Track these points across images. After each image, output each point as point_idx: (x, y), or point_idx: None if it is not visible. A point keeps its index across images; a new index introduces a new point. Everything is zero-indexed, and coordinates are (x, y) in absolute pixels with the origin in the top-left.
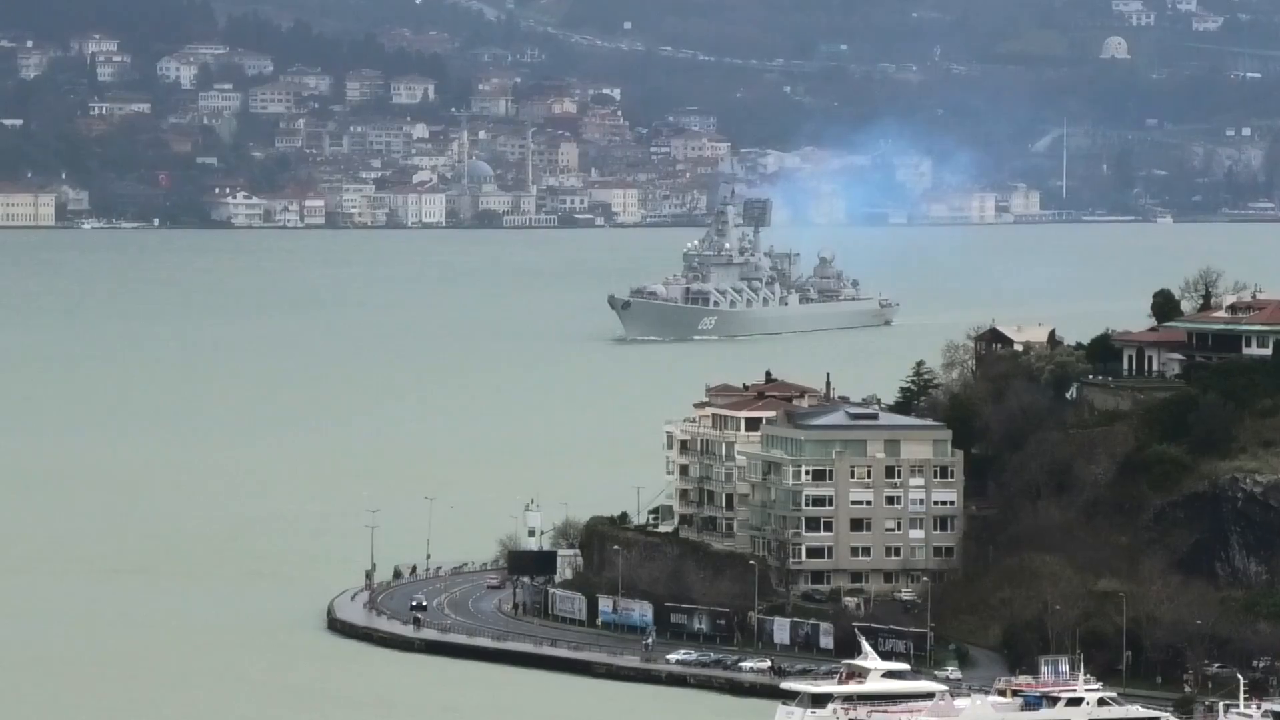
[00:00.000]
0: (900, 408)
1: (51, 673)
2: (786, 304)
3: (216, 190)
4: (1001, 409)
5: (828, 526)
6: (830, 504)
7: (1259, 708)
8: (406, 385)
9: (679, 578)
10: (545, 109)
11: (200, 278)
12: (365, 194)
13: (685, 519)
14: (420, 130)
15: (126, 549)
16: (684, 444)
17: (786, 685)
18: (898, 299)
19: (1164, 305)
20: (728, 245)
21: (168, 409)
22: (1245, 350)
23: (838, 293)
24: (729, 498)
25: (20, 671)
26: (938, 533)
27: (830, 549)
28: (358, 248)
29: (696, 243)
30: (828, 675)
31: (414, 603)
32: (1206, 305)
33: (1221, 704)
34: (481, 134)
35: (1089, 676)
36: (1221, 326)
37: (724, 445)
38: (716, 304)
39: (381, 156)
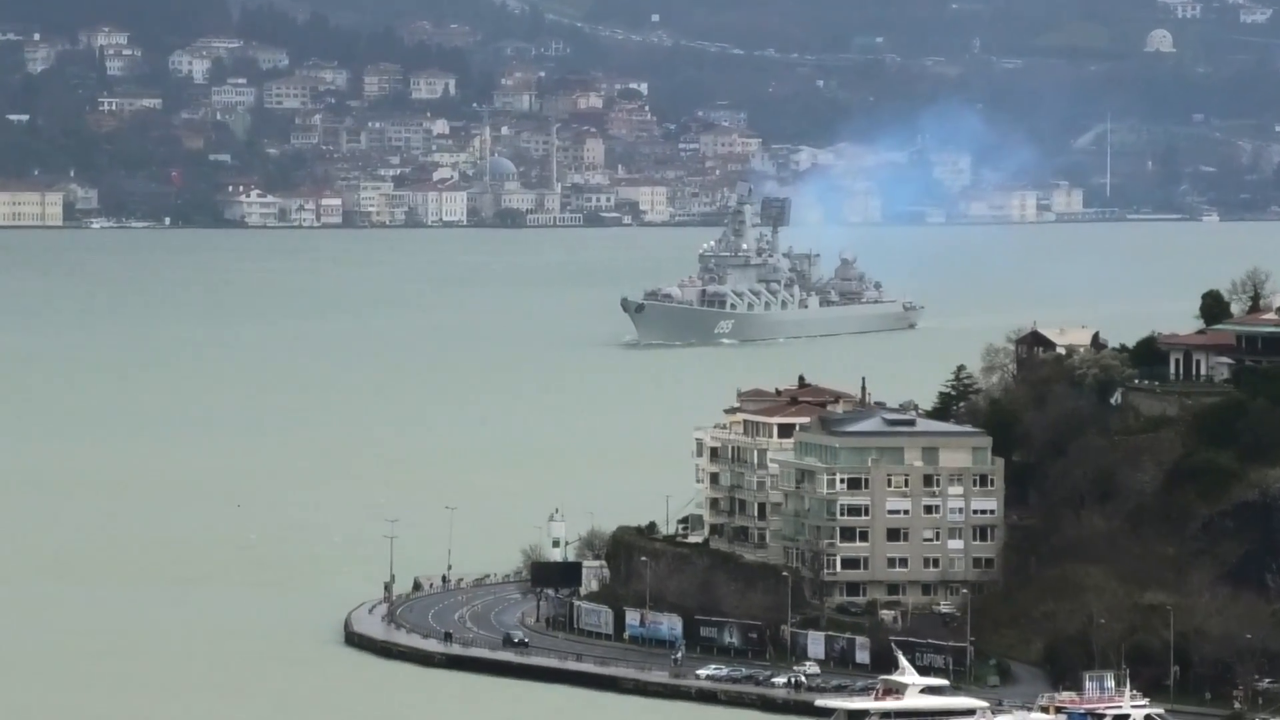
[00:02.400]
0: (938, 413)
1: (57, 685)
2: (806, 307)
3: (230, 188)
4: (1043, 415)
5: (863, 537)
6: (866, 513)
7: None
8: (424, 390)
9: (709, 590)
10: (570, 104)
11: (213, 279)
12: (383, 192)
13: (716, 529)
14: (441, 126)
15: (136, 556)
16: (714, 451)
17: (821, 703)
18: (922, 301)
19: (1212, 307)
20: (745, 246)
21: (180, 413)
22: None
23: (860, 295)
24: (761, 507)
25: (23, 682)
26: (977, 543)
27: (866, 560)
28: (376, 248)
29: (713, 243)
30: (864, 691)
31: (447, 631)
32: (1256, 307)
33: None
34: (504, 130)
35: (1135, 692)
36: (1272, 329)
37: (756, 452)
38: (734, 307)
39: (400, 153)
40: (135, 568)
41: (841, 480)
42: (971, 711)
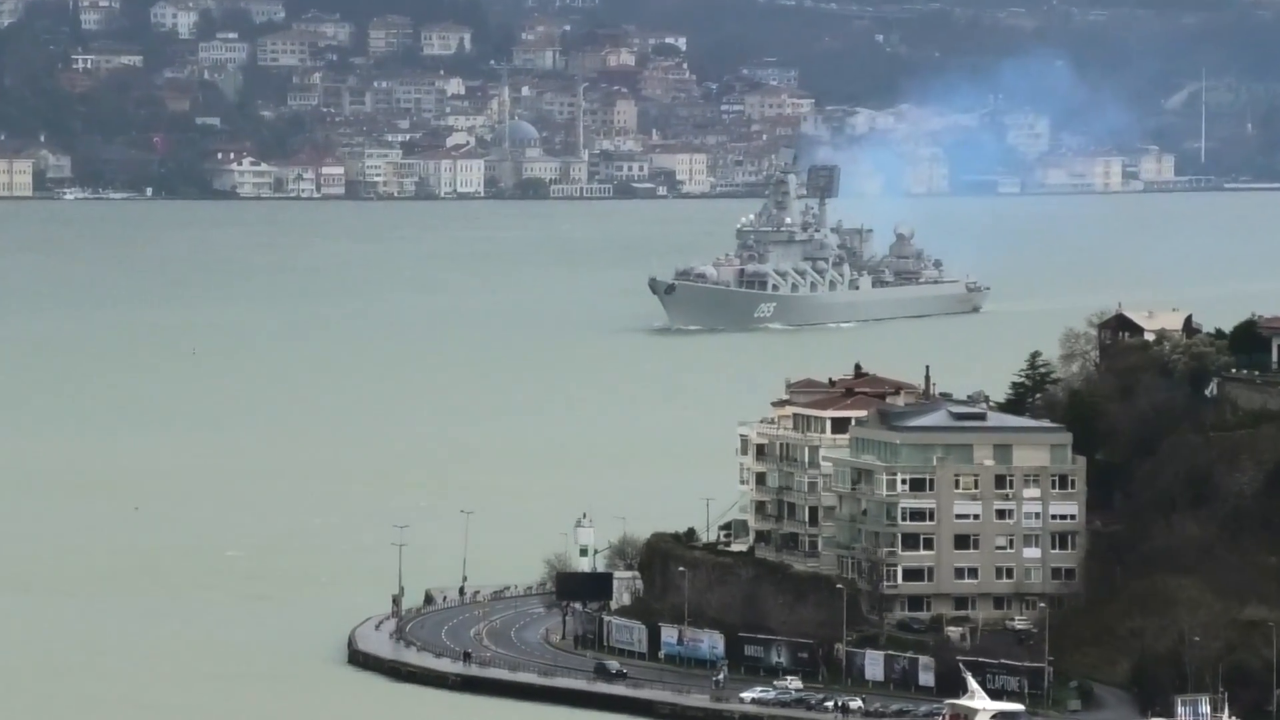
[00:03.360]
0: (1012, 406)
1: (42, 706)
2: (857, 288)
3: (219, 156)
4: (1130, 408)
5: (928, 544)
6: (931, 518)
7: None
8: (435, 382)
9: (754, 604)
10: (599, 61)
11: (201, 256)
12: (391, 160)
13: (762, 536)
14: (455, 86)
15: (123, 564)
16: (760, 449)
17: None
18: (987, 281)
19: None
20: (789, 220)
21: (166, 405)
22: None
23: (917, 274)
24: (813, 511)
25: (10, 701)
26: (1056, 551)
27: (931, 570)
28: (382, 221)
29: (752, 217)
30: (928, 718)
31: (466, 651)
32: None
33: None
34: (525, 90)
35: (1232, 718)
36: None
37: (807, 450)
38: (775, 288)
39: (410, 116)
40: (114, 578)
41: (903, 481)
42: None
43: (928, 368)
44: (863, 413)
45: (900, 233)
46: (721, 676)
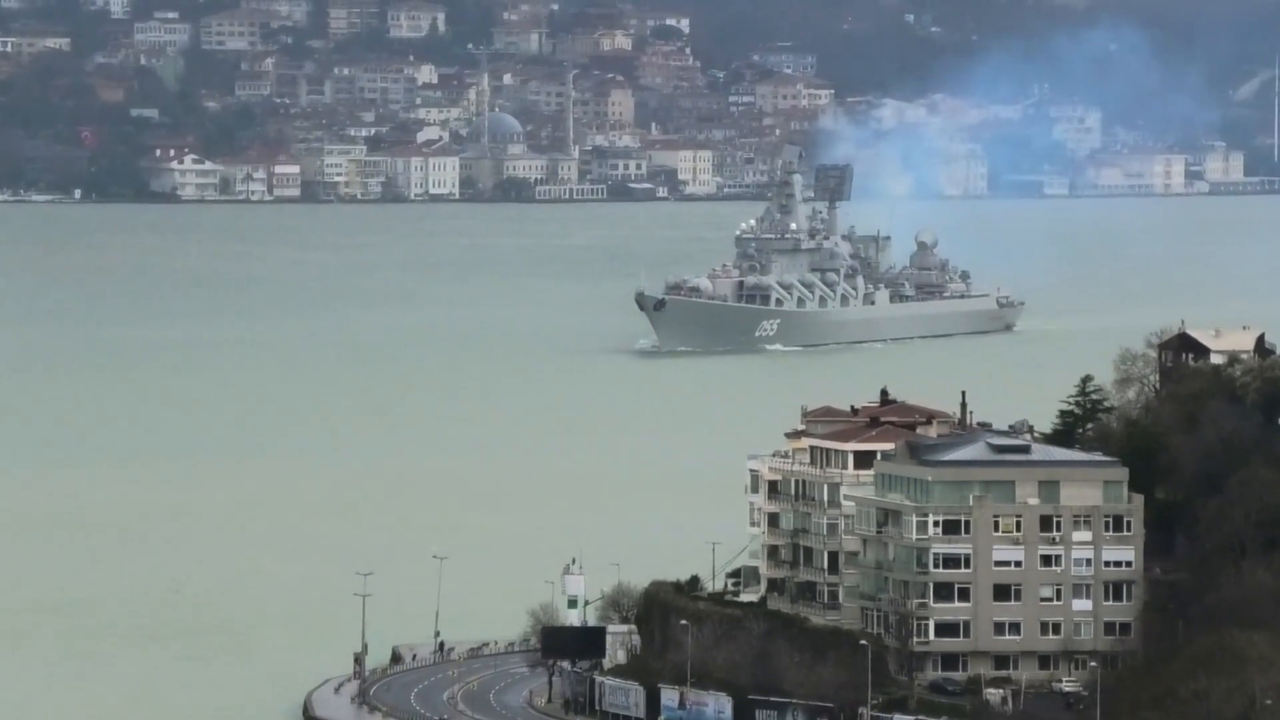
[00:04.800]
0: (1059, 437)
1: None
2: (873, 302)
3: (158, 153)
4: (1194, 440)
5: (964, 595)
6: (967, 565)
7: None
8: (405, 408)
9: (767, 662)
10: (590, 45)
11: (137, 267)
12: (354, 158)
13: (775, 585)
14: (426, 73)
15: (53, 616)
16: (773, 486)
17: None
18: (1021, 295)
19: None
20: (794, 226)
21: (101, 435)
22: None
23: (941, 288)
24: (833, 557)
25: None
26: (1110, 603)
27: (967, 625)
28: (344, 227)
29: (753, 223)
30: None
31: (439, 717)
32: None
33: None
34: (507, 79)
35: None
36: None
37: (826, 487)
38: (780, 303)
39: (375, 108)
40: (37, 629)
41: (936, 523)
42: None
43: (964, 393)
44: (890, 445)
45: (922, 240)
46: None
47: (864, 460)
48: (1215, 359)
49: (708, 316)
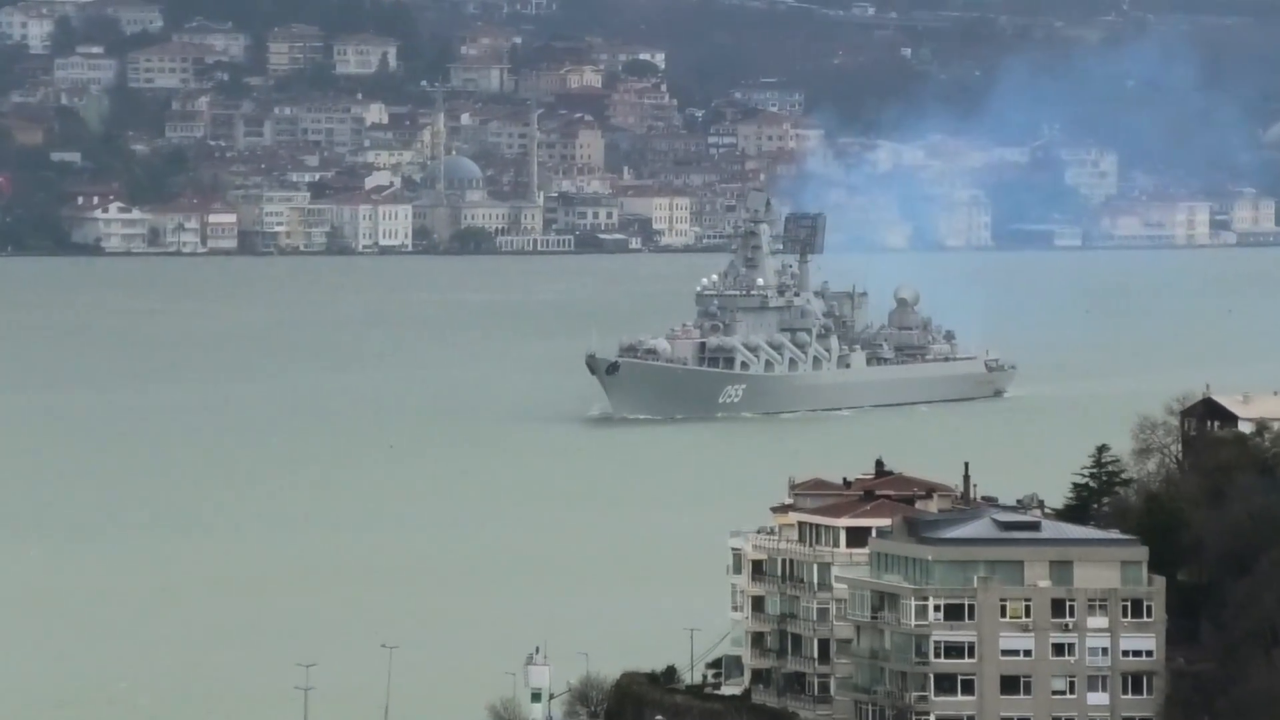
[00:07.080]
0: (1072, 513)
1: None
2: (848, 365)
3: (80, 200)
4: (1221, 515)
5: (968, 688)
6: (971, 654)
7: None
8: (350, 483)
9: None
10: (557, 82)
11: (56, 326)
12: (296, 205)
13: (760, 676)
14: (376, 113)
15: None
16: (758, 566)
17: None
18: (1012, 359)
19: None
20: (761, 281)
21: (14, 509)
22: None
23: (923, 349)
24: (823, 645)
25: None
26: (1128, 697)
27: None
28: (285, 281)
29: (715, 278)
30: None
31: None
32: None
33: None
34: (465, 119)
35: None
36: None
37: (816, 568)
38: (745, 366)
39: (320, 151)
40: None
41: (937, 608)
42: None
43: (966, 465)
44: (886, 521)
45: (901, 297)
46: None
47: (858, 537)
48: (1243, 427)
49: (666, 381)
